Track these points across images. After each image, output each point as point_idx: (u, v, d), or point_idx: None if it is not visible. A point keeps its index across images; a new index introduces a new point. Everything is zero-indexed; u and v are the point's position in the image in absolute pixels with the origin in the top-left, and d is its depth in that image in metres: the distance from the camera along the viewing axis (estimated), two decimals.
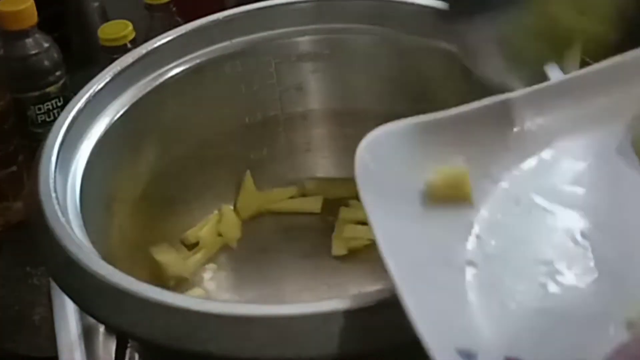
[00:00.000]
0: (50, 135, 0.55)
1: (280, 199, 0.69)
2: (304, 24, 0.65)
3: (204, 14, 0.65)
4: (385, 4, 0.63)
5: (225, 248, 0.67)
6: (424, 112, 0.64)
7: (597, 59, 0.51)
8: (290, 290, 0.63)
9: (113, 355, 0.60)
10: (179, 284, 0.63)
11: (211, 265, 0.66)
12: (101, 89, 0.59)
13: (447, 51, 0.61)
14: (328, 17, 0.65)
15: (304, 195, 0.70)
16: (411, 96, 0.64)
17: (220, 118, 0.66)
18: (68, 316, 0.62)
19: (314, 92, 0.67)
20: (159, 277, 0.62)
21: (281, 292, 0.63)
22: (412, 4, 0.63)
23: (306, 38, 0.66)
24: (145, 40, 0.63)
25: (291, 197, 0.70)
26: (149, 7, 0.85)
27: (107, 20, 0.90)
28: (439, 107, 0.63)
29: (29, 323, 0.71)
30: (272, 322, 0.42)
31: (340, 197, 0.68)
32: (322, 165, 0.70)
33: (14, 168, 0.82)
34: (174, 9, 0.86)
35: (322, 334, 0.41)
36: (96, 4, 0.92)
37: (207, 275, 0.65)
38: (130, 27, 0.82)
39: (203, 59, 0.64)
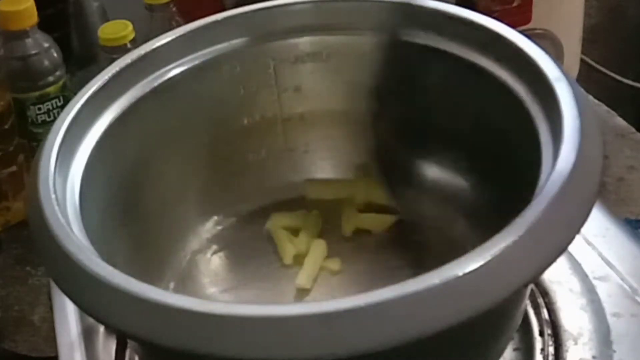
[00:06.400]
0: (50, 136, 0.55)
1: None
2: (303, 25, 0.65)
3: (204, 14, 0.65)
4: (384, 5, 0.63)
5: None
6: (422, 114, 0.65)
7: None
8: (290, 290, 0.63)
9: (113, 356, 0.60)
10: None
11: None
12: (101, 89, 0.59)
13: (448, 53, 0.61)
14: (327, 18, 0.65)
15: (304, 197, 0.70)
16: (410, 99, 0.65)
17: (219, 119, 0.66)
18: (68, 316, 0.62)
19: (313, 93, 0.68)
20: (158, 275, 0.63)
21: (281, 292, 0.63)
22: (412, 6, 0.63)
23: (305, 39, 0.66)
24: (145, 41, 0.63)
25: None
26: (149, 7, 0.86)
27: (107, 20, 0.90)
28: (437, 109, 0.64)
29: (29, 323, 0.72)
30: (272, 322, 0.42)
31: (339, 198, 0.68)
32: (320, 166, 0.70)
33: (14, 168, 0.82)
34: (174, 9, 0.86)
35: (322, 334, 0.41)
36: (96, 4, 0.93)
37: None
38: (130, 27, 0.82)
39: (202, 59, 0.64)
